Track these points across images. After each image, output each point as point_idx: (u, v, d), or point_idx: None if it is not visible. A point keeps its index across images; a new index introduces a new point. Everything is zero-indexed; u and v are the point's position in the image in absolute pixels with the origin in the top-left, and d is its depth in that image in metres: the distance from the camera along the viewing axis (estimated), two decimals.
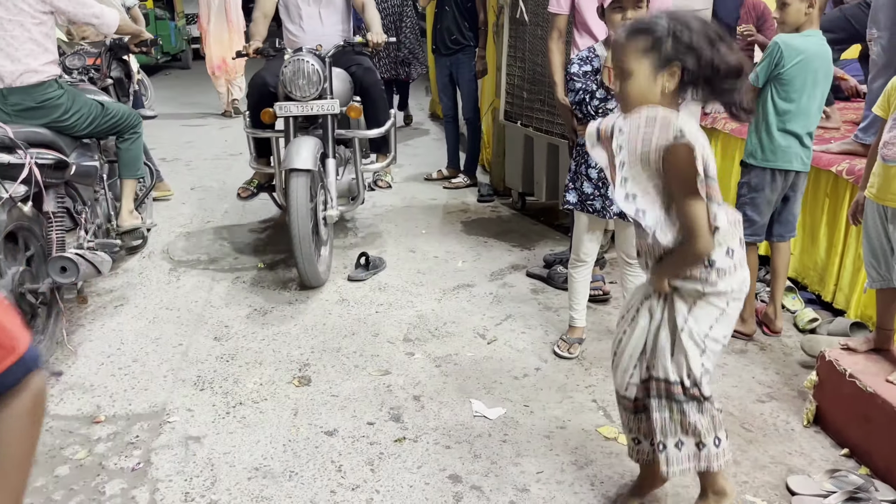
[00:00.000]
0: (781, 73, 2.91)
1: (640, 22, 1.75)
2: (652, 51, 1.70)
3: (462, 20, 5.41)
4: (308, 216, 3.55)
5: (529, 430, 2.68)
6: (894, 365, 2.55)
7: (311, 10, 4.25)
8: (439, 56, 5.63)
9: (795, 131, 2.99)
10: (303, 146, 3.66)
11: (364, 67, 4.24)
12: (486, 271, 4.14)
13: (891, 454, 2.37)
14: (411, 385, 2.97)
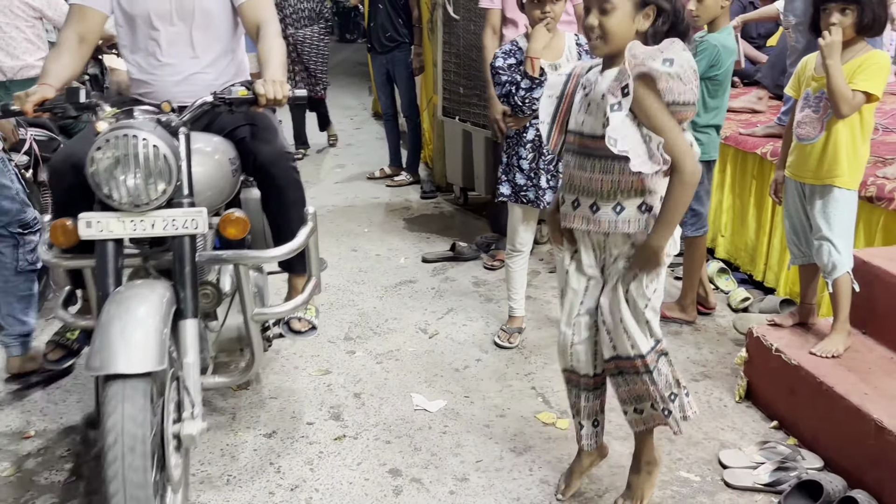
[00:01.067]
0: (717, 75, 2.97)
1: None
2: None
3: (396, 17, 5.40)
4: (145, 452, 1.71)
5: (469, 420, 2.70)
6: (818, 338, 2.63)
7: (173, 31, 2.42)
8: (375, 54, 5.61)
9: (718, 123, 3.07)
10: (133, 314, 1.82)
11: (259, 129, 2.41)
12: (429, 267, 4.15)
13: (815, 424, 2.45)
14: (352, 383, 2.96)
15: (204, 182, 2.15)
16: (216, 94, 2.10)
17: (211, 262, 2.20)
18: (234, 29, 2.54)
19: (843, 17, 2.33)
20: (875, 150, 3.36)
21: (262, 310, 2.31)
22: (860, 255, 2.69)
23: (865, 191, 2.92)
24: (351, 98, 9.40)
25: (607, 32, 1.74)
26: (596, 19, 1.75)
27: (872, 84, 2.33)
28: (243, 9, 2.43)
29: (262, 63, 2.29)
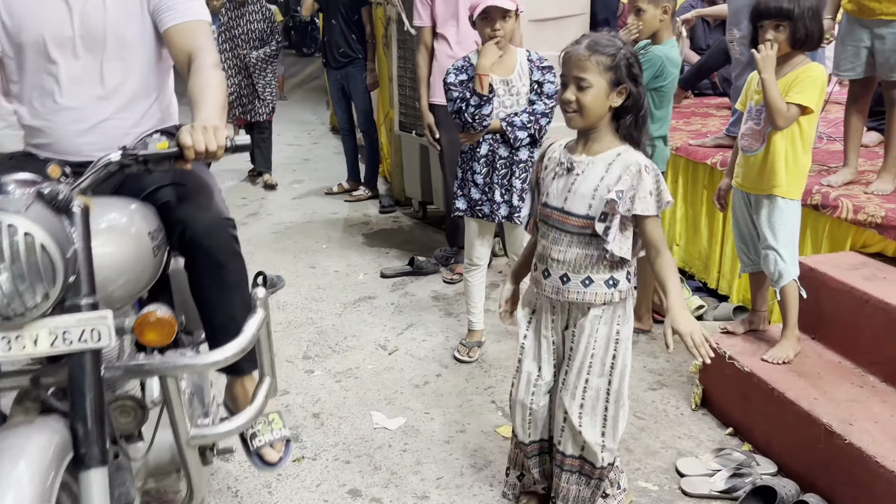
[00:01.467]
0: (663, 86, 3.02)
1: (604, 40, 1.82)
2: (611, 70, 1.80)
3: (350, 33, 5.40)
4: None
5: (429, 437, 2.69)
6: (770, 344, 2.69)
7: (77, 65, 1.90)
8: (330, 69, 5.61)
9: (664, 134, 3.12)
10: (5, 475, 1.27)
11: (189, 190, 1.88)
12: (388, 282, 4.14)
13: (768, 429, 2.50)
14: (311, 403, 2.94)
15: (115, 267, 1.63)
16: (126, 148, 1.56)
17: (127, 375, 1.60)
18: (159, 61, 2.00)
19: (777, 33, 2.40)
20: (820, 158, 3.47)
21: (200, 431, 1.70)
22: (807, 263, 2.76)
23: (811, 199, 3.00)
24: (308, 113, 9.36)
25: (584, 107, 1.81)
26: (573, 95, 1.81)
27: (806, 97, 2.39)
28: (171, 34, 1.90)
29: (192, 103, 1.74)
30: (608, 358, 1.97)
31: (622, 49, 1.81)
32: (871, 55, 3.01)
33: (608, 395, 1.99)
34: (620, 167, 1.84)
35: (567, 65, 1.83)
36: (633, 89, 1.82)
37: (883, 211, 2.77)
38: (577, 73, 1.80)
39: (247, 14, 5.85)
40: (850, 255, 2.88)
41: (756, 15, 2.44)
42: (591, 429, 2.00)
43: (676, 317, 1.78)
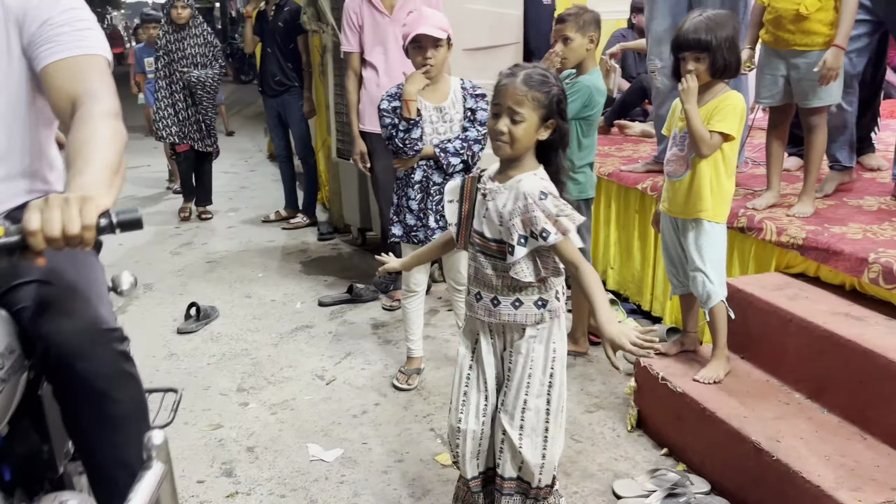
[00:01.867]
0: (591, 115, 3.09)
1: (538, 76, 1.84)
2: (544, 106, 1.83)
3: (285, 62, 5.39)
4: None
5: (367, 467, 2.65)
6: (701, 364, 2.74)
7: None
8: (266, 97, 5.59)
9: (591, 161, 3.19)
10: None
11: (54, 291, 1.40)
12: (326, 311, 4.09)
13: (702, 449, 2.54)
14: (245, 436, 2.87)
15: None
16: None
17: None
18: (32, 109, 1.55)
19: (697, 63, 2.48)
20: (745, 182, 3.58)
21: None
22: (734, 284, 2.84)
23: (737, 222, 3.09)
24: (246, 140, 9.27)
25: (515, 139, 1.84)
26: (506, 126, 1.83)
27: (727, 125, 2.48)
28: (50, 73, 1.45)
29: (67, 164, 1.31)
30: (546, 377, 1.98)
31: (555, 86, 1.86)
32: (787, 83, 3.14)
33: (547, 415, 2.00)
34: (515, 196, 1.86)
35: (501, 96, 1.85)
36: (560, 124, 1.87)
37: (804, 233, 2.88)
38: (512, 106, 1.82)
39: (187, 38, 5.65)
40: (775, 275, 2.97)
41: (676, 46, 2.52)
42: (532, 449, 2.00)
43: (609, 332, 1.77)
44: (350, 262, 4.94)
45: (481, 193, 1.96)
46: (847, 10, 2.94)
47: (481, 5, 4.06)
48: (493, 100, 1.88)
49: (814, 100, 3.07)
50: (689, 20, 2.49)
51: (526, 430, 2.00)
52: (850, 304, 2.66)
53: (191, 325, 3.83)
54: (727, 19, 2.50)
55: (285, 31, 5.33)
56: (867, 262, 2.60)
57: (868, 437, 2.29)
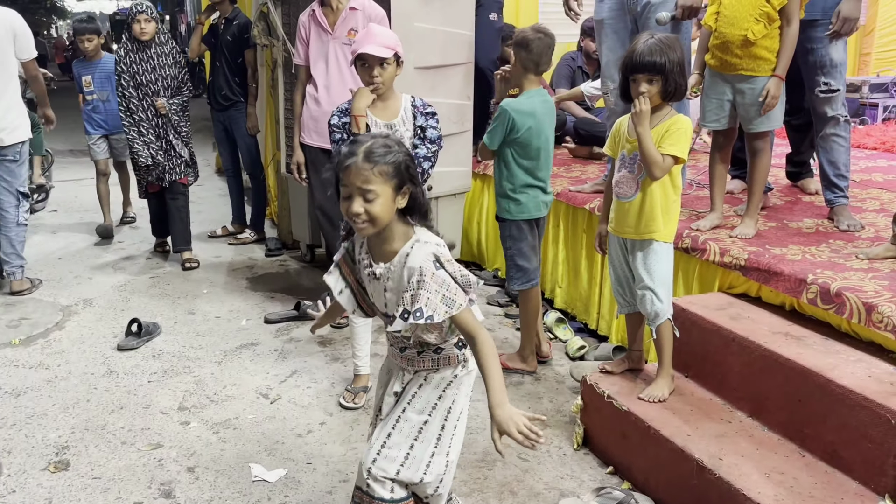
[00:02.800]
0: (517, 137, 3.14)
1: (379, 148, 1.79)
2: (394, 176, 1.79)
3: (232, 76, 5.33)
4: None
5: (311, 488, 2.60)
6: (646, 383, 2.77)
7: None
8: (214, 111, 5.52)
9: (539, 183, 3.22)
10: None
11: None
12: (272, 328, 4.02)
13: (646, 467, 2.56)
14: (185, 456, 2.79)
15: None
16: None
17: None
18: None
19: (650, 85, 2.52)
20: (689, 204, 3.66)
21: None
22: (679, 303, 2.88)
23: (682, 243, 3.14)
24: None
25: (374, 217, 1.79)
26: (361, 207, 1.78)
27: (678, 148, 2.53)
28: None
29: None
30: (433, 397, 1.99)
31: (400, 153, 1.81)
32: (733, 108, 3.22)
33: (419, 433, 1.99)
34: (408, 274, 1.83)
35: (348, 177, 1.78)
36: (413, 189, 1.84)
37: (746, 254, 2.94)
38: (362, 185, 1.76)
39: (155, 57, 4.83)
40: (718, 295, 3.03)
41: (630, 68, 2.55)
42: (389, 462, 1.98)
43: (498, 416, 1.76)
44: (298, 278, 4.87)
45: (373, 276, 1.92)
46: (787, 42, 3.04)
47: (432, 24, 4.08)
48: (342, 181, 1.81)
49: (759, 124, 3.16)
50: (641, 42, 2.53)
51: (392, 440, 1.99)
52: (789, 324, 2.72)
53: (131, 342, 3.72)
54: (675, 42, 2.56)
55: (233, 44, 5.27)
56: (806, 282, 2.67)
57: (806, 454, 2.34)
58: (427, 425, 1.99)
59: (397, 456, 1.98)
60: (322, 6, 3.68)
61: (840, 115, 3.35)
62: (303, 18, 3.74)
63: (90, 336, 3.88)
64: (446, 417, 2.00)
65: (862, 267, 2.76)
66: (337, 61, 3.69)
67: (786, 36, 3.03)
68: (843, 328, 2.62)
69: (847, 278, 2.63)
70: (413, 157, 1.89)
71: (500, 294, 4.36)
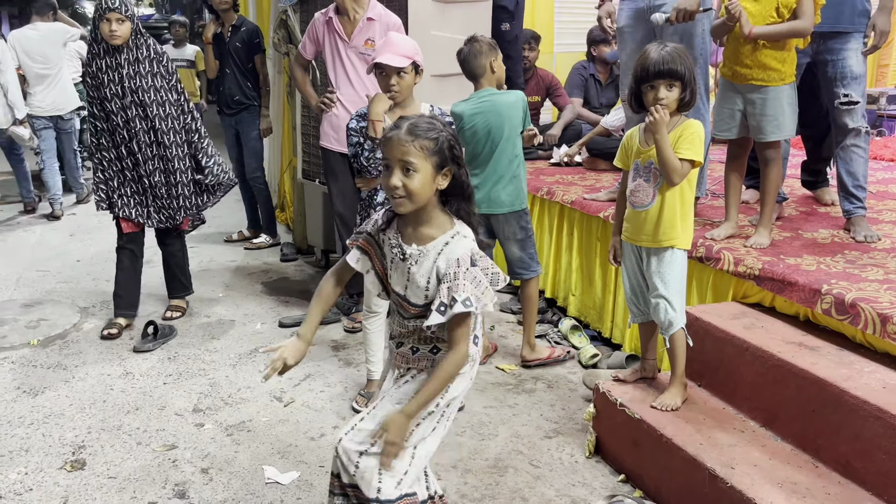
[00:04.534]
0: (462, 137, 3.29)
1: (424, 124, 1.80)
2: (436, 153, 1.79)
3: (245, 81, 5.38)
4: None
5: (324, 491, 2.61)
6: (659, 391, 2.77)
7: None
8: (224, 116, 5.54)
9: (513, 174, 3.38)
10: None
11: None
12: (286, 332, 4.05)
13: (658, 475, 2.56)
14: (199, 458, 2.81)
15: None
16: None
17: None
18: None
19: (669, 92, 2.53)
20: (704, 213, 3.66)
21: None
22: (693, 312, 2.88)
23: (696, 252, 3.14)
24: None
25: (411, 192, 1.79)
26: (399, 180, 1.79)
27: (694, 152, 2.53)
28: None
29: None
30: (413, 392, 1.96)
31: (443, 132, 1.81)
32: (744, 117, 3.22)
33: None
34: (444, 262, 1.83)
35: (389, 149, 1.80)
36: (456, 171, 1.84)
37: (760, 263, 2.94)
38: (402, 157, 1.78)
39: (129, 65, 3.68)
40: (732, 305, 3.03)
41: (648, 75, 2.55)
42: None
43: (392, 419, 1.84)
44: (312, 283, 4.90)
45: (399, 255, 1.91)
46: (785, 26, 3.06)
47: (448, 32, 4.10)
48: (383, 155, 1.83)
49: (769, 134, 3.16)
50: (654, 51, 2.53)
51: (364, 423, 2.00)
52: (803, 334, 2.71)
53: (147, 344, 3.76)
54: (686, 53, 2.57)
55: (243, 50, 5.33)
56: (820, 293, 2.66)
57: (819, 465, 2.33)
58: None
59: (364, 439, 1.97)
60: (339, 14, 3.72)
61: (861, 126, 3.35)
62: (318, 17, 3.78)
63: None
64: (423, 416, 1.94)
65: (877, 278, 2.75)
66: (354, 69, 3.73)
67: (790, 24, 3.04)
68: (857, 339, 2.61)
69: (862, 289, 2.62)
70: (458, 138, 1.87)
71: (513, 301, 4.36)
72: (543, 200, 4.33)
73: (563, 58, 6.90)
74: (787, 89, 3.12)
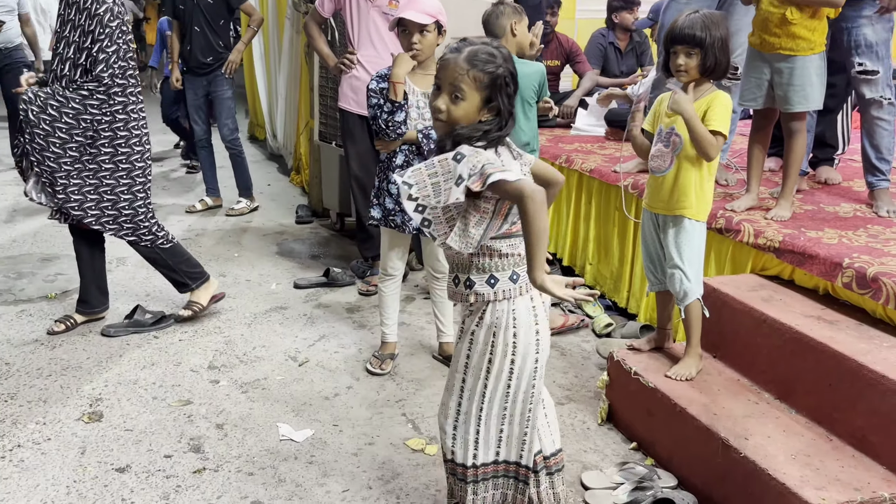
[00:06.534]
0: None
1: (484, 54, 1.74)
2: (487, 87, 1.74)
3: (216, 40, 5.19)
4: None
5: (337, 449, 2.64)
6: (673, 361, 2.76)
7: None
8: (194, 76, 5.32)
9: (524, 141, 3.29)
10: None
11: None
12: (301, 293, 4.06)
13: (670, 444, 2.56)
14: (214, 413, 2.84)
15: None
16: None
17: None
18: None
19: (688, 59, 2.49)
20: (725, 185, 3.61)
21: None
22: (710, 283, 2.86)
23: (715, 223, 3.11)
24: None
25: (453, 118, 1.76)
26: (445, 104, 1.75)
27: (722, 124, 2.49)
28: None
29: None
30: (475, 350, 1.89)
31: (502, 66, 1.75)
32: (770, 87, 3.17)
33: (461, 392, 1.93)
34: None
35: (443, 71, 1.75)
36: (502, 108, 1.78)
37: (780, 236, 2.91)
38: (453, 83, 1.73)
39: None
40: (751, 277, 3.00)
41: (670, 40, 2.52)
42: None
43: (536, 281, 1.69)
44: (327, 247, 4.90)
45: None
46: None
47: None
48: (436, 74, 1.78)
49: (795, 104, 3.10)
50: (685, 16, 2.49)
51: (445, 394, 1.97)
52: (822, 308, 2.69)
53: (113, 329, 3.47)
54: (721, 20, 2.51)
55: (214, 7, 5.13)
56: (841, 266, 2.63)
57: (834, 438, 2.33)
58: (465, 384, 1.92)
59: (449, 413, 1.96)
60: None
61: (883, 97, 3.28)
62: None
63: (123, 294, 3.95)
64: (486, 376, 1.89)
65: None
66: (377, 29, 3.68)
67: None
68: (877, 314, 2.58)
69: (884, 263, 2.59)
70: (515, 76, 1.80)
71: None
72: (562, 168, 4.29)
73: (585, 24, 6.80)
74: (817, 59, 3.06)
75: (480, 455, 1.97)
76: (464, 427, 1.96)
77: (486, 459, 1.98)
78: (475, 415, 1.94)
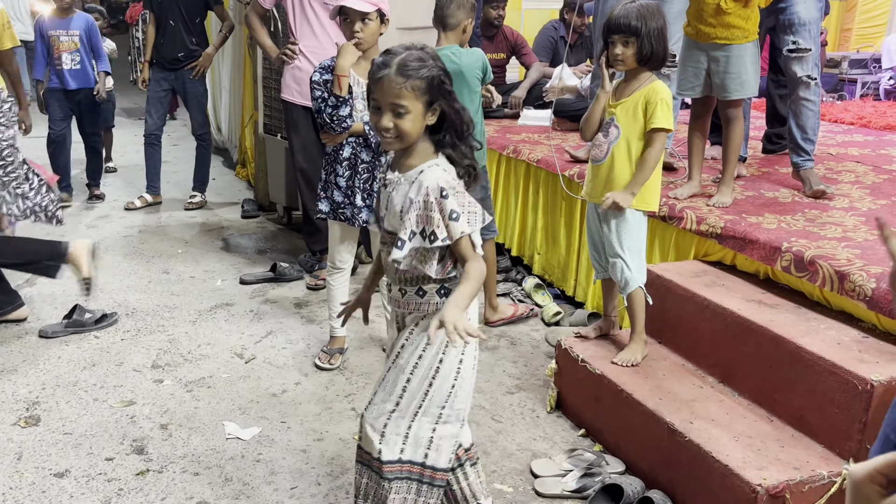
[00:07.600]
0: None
1: (413, 60, 1.73)
2: (426, 93, 1.74)
3: (189, 37, 5.16)
4: None
5: (285, 446, 2.61)
6: (620, 348, 2.79)
7: None
8: (162, 70, 5.25)
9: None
10: None
11: None
12: (247, 289, 4.00)
13: (618, 430, 2.60)
14: (158, 414, 2.78)
15: None
16: None
17: None
18: None
19: (625, 48, 2.51)
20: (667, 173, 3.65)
21: None
22: (654, 270, 2.90)
23: (658, 210, 3.15)
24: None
25: (403, 133, 1.75)
26: (391, 122, 1.74)
27: (664, 120, 2.52)
28: None
29: None
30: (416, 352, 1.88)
31: (434, 67, 1.75)
32: (708, 76, 3.22)
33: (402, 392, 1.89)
34: (416, 190, 1.77)
35: (380, 91, 1.74)
36: (445, 107, 1.78)
37: (722, 222, 2.96)
38: (393, 101, 1.72)
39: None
40: (694, 263, 3.05)
41: (607, 30, 2.54)
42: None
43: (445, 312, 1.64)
44: (274, 241, 4.83)
45: (384, 184, 1.88)
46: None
47: None
48: (372, 94, 1.77)
49: (732, 92, 3.16)
50: (621, 6, 2.51)
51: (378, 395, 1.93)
52: (763, 292, 2.75)
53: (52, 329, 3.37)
54: (657, 9, 2.54)
55: (192, 3, 5.12)
56: (780, 250, 2.69)
57: (775, 419, 2.38)
58: (409, 384, 1.88)
59: (383, 411, 1.90)
60: None
61: (810, 77, 3.35)
62: None
63: (62, 293, 3.83)
64: (433, 376, 1.86)
65: (836, 236, 2.79)
66: (319, 19, 3.63)
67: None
68: (815, 296, 2.65)
69: (821, 247, 2.66)
70: (448, 72, 1.80)
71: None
72: (510, 159, 4.30)
73: (532, 14, 6.82)
74: (751, 47, 3.12)
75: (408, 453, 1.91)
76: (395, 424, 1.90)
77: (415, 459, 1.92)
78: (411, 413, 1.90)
